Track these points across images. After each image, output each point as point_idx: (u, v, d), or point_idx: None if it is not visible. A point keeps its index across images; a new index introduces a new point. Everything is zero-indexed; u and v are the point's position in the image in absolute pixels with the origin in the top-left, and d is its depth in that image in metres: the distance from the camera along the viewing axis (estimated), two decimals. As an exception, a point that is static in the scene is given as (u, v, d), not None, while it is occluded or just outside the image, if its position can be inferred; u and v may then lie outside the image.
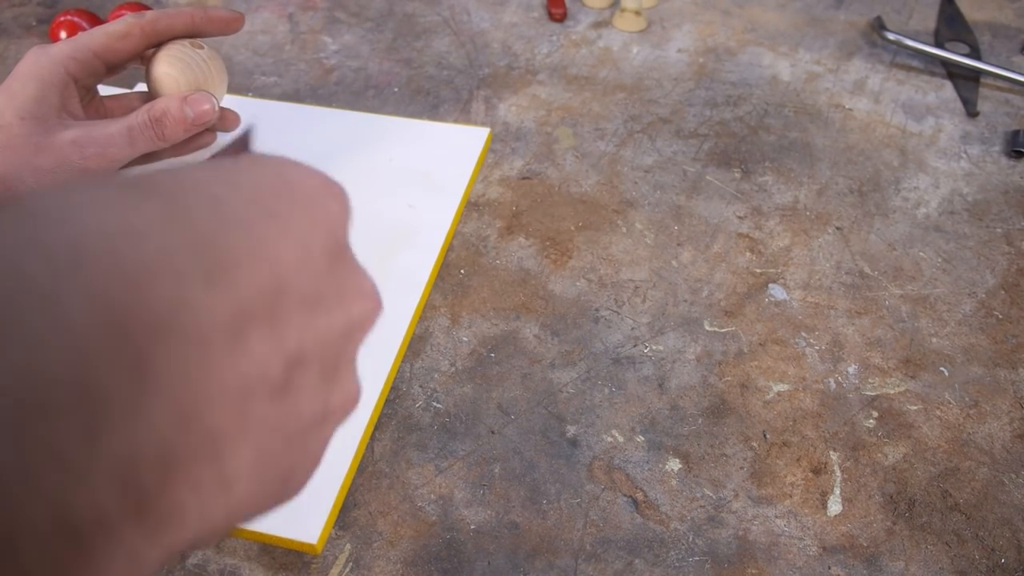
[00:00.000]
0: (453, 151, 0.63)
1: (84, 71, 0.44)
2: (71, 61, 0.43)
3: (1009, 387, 0.50)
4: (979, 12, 0.81)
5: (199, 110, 0.44)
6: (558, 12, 0.78)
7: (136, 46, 0.46)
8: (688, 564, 0.42)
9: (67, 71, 0.43)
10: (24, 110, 0.41)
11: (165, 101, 0.44)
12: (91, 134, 0.42)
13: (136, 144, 0.43)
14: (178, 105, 0.44)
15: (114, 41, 0.45)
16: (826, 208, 0.61)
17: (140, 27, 0.45)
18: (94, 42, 0.44)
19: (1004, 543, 0.43)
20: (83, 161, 0.41)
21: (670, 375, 0.50)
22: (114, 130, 0.42)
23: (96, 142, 0.41)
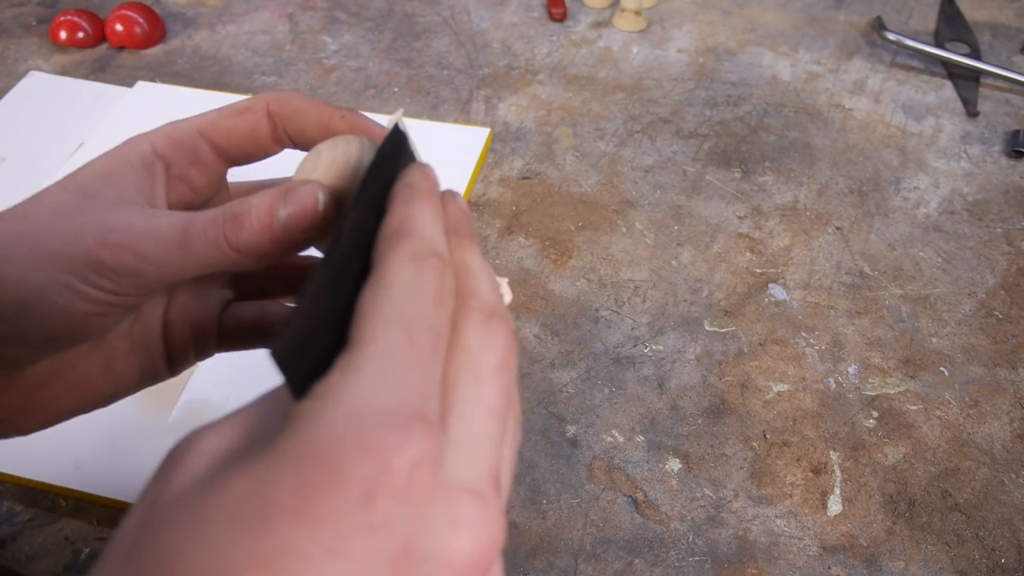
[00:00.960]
0: (453, 151, 0.63)
1: (179, 152, 0.31)
2: (164, 139, 0.31)
3: (1009, 387, 0.50)
4: (979, 12, 0.81)
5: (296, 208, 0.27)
6: (558, 12, 0.78)
7: (254, 126, 0.31)
8: (688, 564, 0.42)
9: (154, 149, 0.31)
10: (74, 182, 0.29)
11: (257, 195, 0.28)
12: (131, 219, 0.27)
13: (191, 247, 0.27)
14: (270, 199, 0.27)
15: (226, 117, 0.32)
16: (826, 208, 0.61)
17: (263, 103, 0.32)
18: (200, 119, 0.32)
19: (1004, 543, 0.43)
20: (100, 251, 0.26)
21: (670, 375, 0.50)
22: (165, 222, 0.27)
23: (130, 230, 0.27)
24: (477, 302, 0.23)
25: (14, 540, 0.42)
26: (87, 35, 0.73)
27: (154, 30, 0.74)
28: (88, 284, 0.26)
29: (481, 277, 0.24)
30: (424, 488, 0.17)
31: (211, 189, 0.33)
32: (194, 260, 0.27)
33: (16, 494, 0.44)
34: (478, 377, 0.21)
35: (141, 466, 0.44)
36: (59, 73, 0.71)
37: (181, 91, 0.68)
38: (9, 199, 0.60)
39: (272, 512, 0.16)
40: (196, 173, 0.32)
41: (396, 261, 0.21)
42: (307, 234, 0.28)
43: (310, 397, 0.18)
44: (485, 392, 0.21)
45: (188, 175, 0.32)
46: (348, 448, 0.17)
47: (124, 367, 0.32)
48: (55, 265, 0.26)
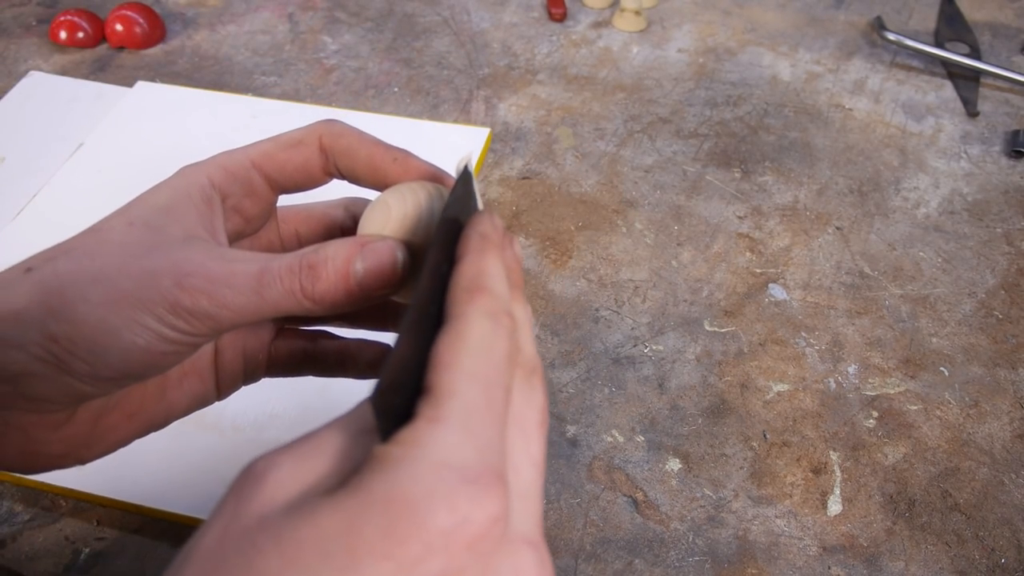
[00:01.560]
0: (453, 151, 0.63)
1: (235, 184, 0.31)
2: (218, 170, 0.31)
3: (1009, 387, 0.50)
4: (979, 12, 0.81)
5: (374, 264, 0.28)
6: (558, 12, 0.78)
7: (307, 160, 0.32)
8: (688, 564, 0.42)
9: (212, 181, 0.31)
10: (138, 216, 0.29)
11: (333, 245, 0.28)
12: (206, 263, 0.27)
13: (265, 294, 0.27)
14: (347, 252, 0.28)
15: (280, 150, 0.32)
16: (826, 208, 0.61)
17: (316, 135, 0.32)
18: (253, 151, 0.32)
19: (1004, 543, 0.43)
20: (178, 294, 0.27)
21: (670, 375, 0.50)
22: (241, 267, 0.27)
23: (207, 275, 0.27)
24: (522, 358, 0.24)
25: (14, 540, 0.42)
26: (87, 35, 0.73)
27: (154, 30, 0.74)
28: (164, 325, 0.27)
29: (527, 331, 0.25)
30: (496, 541, 0.19)
31: (263, 218, 0.33)
32: (268, 306, 0.28)
33: (16, 494, 0.44)
34: (525, 432, 0.22)
35: (141, 466, 0.44)
36: (59, 73, 0.71)
37: (181, 91, 0.68)
38: (9, 199, 0.60)
39: (360, 551, 0.17)
40: (250, 204, 0.32)
41: (474, 317, 0.22)
42: (383, 291, 0.28)
43: (398, 443, 0.19)
44: (531, 447, 0.22)
45: (242, 206, 0.32)
46: (435, 499, 0.18)
47: (177, 395, 0.32)
48: (132, 306, 0.26)
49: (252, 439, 0.45)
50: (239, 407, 0.47)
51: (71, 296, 0.26)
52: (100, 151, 0.63)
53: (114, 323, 0.26)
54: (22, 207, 0.58)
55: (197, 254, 0.28)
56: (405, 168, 0.31)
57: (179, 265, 0.27)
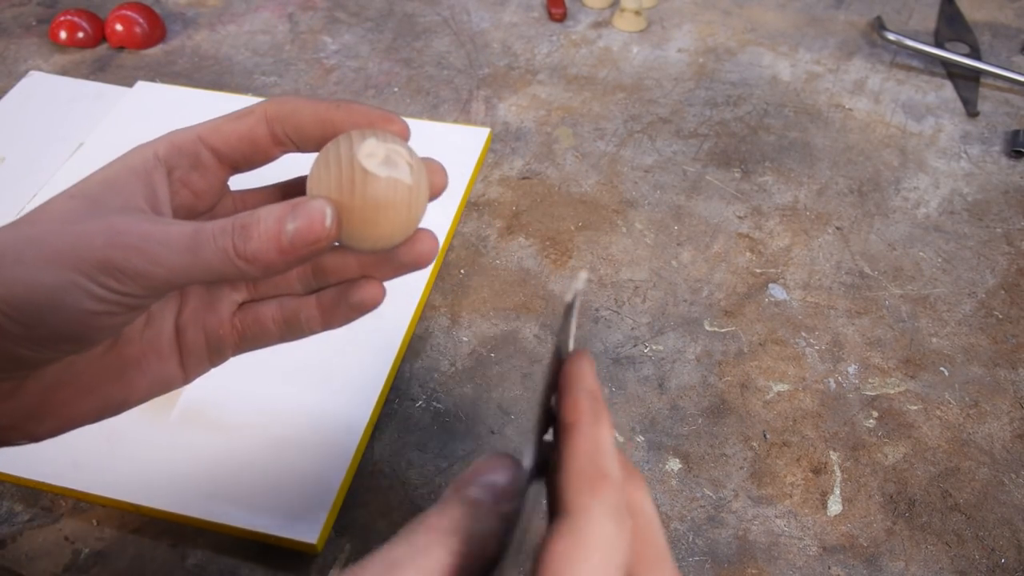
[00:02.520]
0: (453, 151, 0.63)
1: (181, 157, 0.32)
2: (165, 144, 0.31)
3: (1009, 387, 0.50)
4: (979, 12, 0.81)
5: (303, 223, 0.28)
6: (558, 12, 0.78)
7: (252, 129, 0.32)
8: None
9: (156, 154, 0.31)
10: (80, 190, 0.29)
11: (266, 207, 0.29)
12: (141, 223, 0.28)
13: (199, 253, 0.28)
14: (278, 212, 0.28)
15: (225, 122, 0.32)
16: (826, 208, 0.61)
17: (261, 107, 0.32)
18: (201, 125, 0.32)
19: (1004, 543, 0.43)
20: (109, 251, 0.27)
21: (670, 375, 0.50)
22: (175, 228, 0.28)
23: (140, 232, 0.27)
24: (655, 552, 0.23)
25: (14, 540, 0.42)
26: (87, 35, 0.73)
27: (154, 30, 0.74)
28: (96, 284, 0.27)
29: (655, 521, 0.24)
30: None
31: (214, 195, 0.33)
32: (202, 266, 0.28)
33: (16, 494, 0.44)
34: None
35: (141, 466, 0.44)
36: (59, 73, 0.71)
37: (181, 91, 0.68)
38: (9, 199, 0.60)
39: None
40: (198, 178, 0.32)
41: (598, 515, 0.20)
42: (314, 248, 0.28)
43: None
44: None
45: (190, 180, 0.32)
46: None
47: (136, 373, 0.32)
48: (64, 265, 0.27)
49: (253, 438, 0.45)
50: (239, 407, 0.47)
51: (8, 259, 0.27)
52: (100, 151, 0.63)
53: (47, 281, 0.27)
54: (22, 207, 0.58)
55: (133, 218, 0.28)
56: (349, 112, 0.31)
57: (113, 226, 0.28)
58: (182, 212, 0.32)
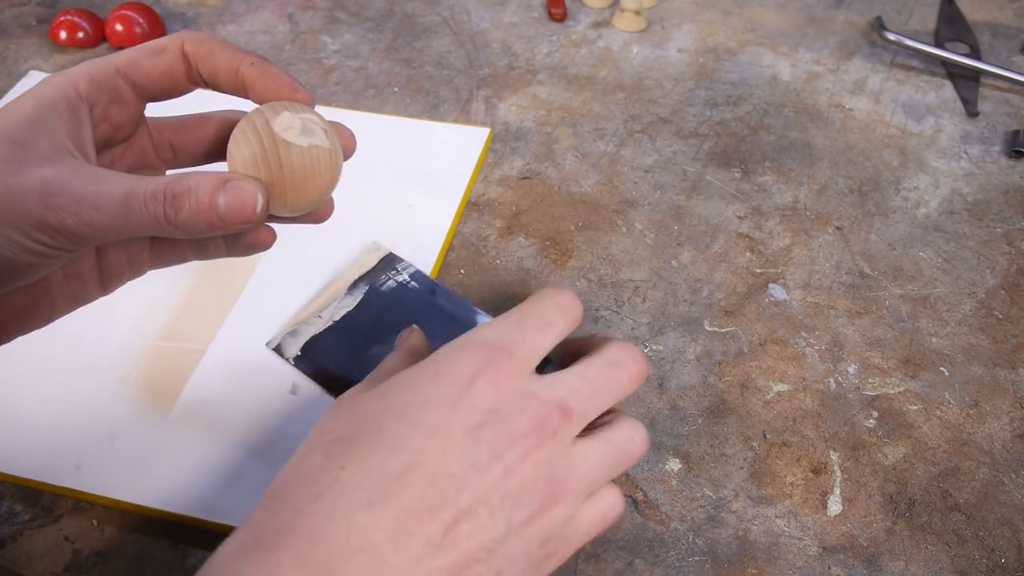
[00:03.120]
0: (453, 151, 0.63)
1: (101, 92, 0.33)
2: (85, 79, 0.32)
3: (1009, 387, 0.50)
4: (979, 12, 0.81)
5: (235, 203, 0.30)
6: (558, 12, 0.78)
7: (171, 66, 0.33)
8: (688, 564, 0.42)
9: (77, 90, 0.32)
10: (3, 129, 0.30)
11: (197, 177, 0.30)
12: (73, 182, 0.29)
13: (131, 218, 0.29)
14: (210, 187, 0.30)
15: (144, 56, 0.33)
16: (826, 208, 0.61)
17: (179, 42, 0.33)
18: (119, 58, 0.33)
19: (1004, 543, 0.43)
20: (43, 212, 0.28)
21: (670, 375, 0.50)
22: (106, 189, 0.29)
23: (73, 194, 0.28)
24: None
25: (14, 540, 0.42)
26: (87, 35, 0.73)
27: (154, 30, 0.74)
28: (31, 240, 0.29)
29: None
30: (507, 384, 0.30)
31: (131, 125, 0.35)
32: (132, 227, 0.30)
33: (16, 494, 0.44)
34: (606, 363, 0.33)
35: (141, 466, 0.44)
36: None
37: (181, 91, 0.68)
38: (9, 199, 0.60)
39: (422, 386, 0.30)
40: (117, 111, 0.34)
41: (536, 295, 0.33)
42: (242, 226, 0.30)
43: None
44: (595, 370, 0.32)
45: (109, 114, 0.34)
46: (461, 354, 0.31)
47: (60, 293, 0.34)
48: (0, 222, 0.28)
49: (253, 436, 0.45)
50: (239, 407, 0.47)
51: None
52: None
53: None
54: (22, 207, 0.58)
55: (63, 172, 0.29)
56: (261, 72, 0.33)
57: (46, 184, 0.28)
58: (101, 144, 0.34)
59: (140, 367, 0.48)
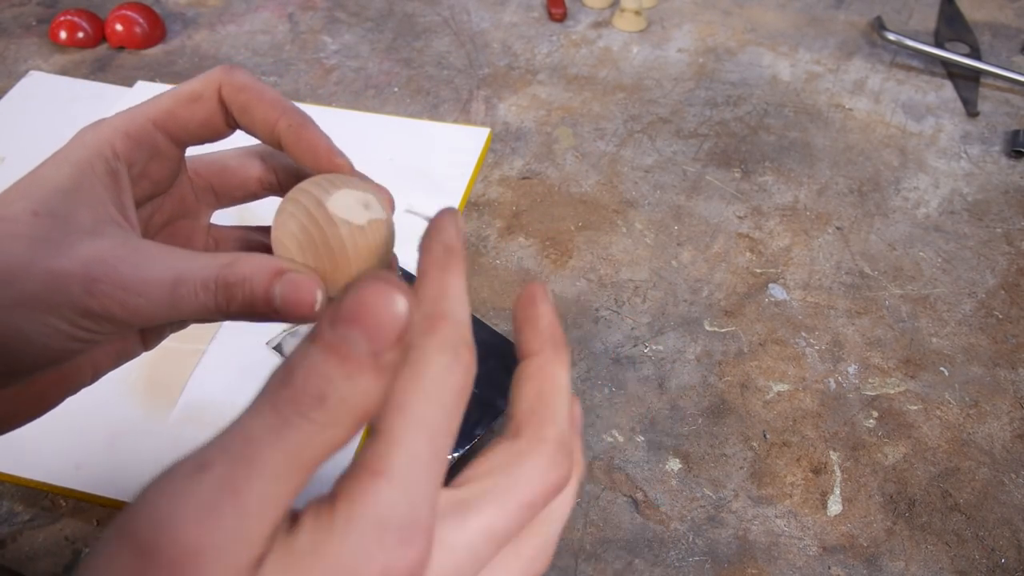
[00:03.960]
0: (453, 151, 0.63)
1: (140, 150, 0.30)
2: (121, 138, 0.29)
3: (1009, 387, 0.50)
4: (979, 12, 0.81)
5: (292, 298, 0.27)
6: (558, 12, 0.78)
7: (209, 116, 0.31)
8: (688, 564, 0.42)
9: (114, 151, 0.29)
10: (42, 202, 0.27)
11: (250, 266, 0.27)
12: (118, 267, 0.26)
13: (179, 308, 0.27)
14: (265, 279, 0.27)
15: (180, 106, 0.30)
16: (826, 208, 0.61)
17: (215, 87, 0.30)
18: (153, 109, 0.30)
19: (1004, 543, 0.43)
20: (87, 300, 0.26)
21: (670, 375, 0.50)
22: (154, 275, 0.26)
23: (118, 280, 0.26)
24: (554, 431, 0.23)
25: (14, 540, 0.42)
26: (87, 35, 0.73)
27: (154, 30, 0.74)
28: (74, 326, 0.26)
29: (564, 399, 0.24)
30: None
31: (171, 178, 0.32)
32: (181, 315, 0.27)
33: (16, 494, 0.44)
34: None
35: (141, 466, 0.44)
36: (59, 73, 0.71)
37: (181, 91, 0.68)
38: (9, 199, 0.60)
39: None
40: (156, 167, 0.31)
41: (430, 351, 0.21)
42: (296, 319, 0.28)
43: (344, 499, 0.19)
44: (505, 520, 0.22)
45: (149, 171, 0.31)
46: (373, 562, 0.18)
47: (102, 355, 0.32)
48: (40, 310, 0.26)
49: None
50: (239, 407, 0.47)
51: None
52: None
53: (21, 326, 0.26)
54: (22, 207, 0.58)
55: (107, 252, 0.26)
56: (298, 137, 0.30)
57: (88, 268, 0.26)
58: (142, 201, 0.31)
59: (140, 367, 0.48)
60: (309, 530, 0.18)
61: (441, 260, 0.23)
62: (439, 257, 0.23)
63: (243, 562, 0.17)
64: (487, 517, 0.21)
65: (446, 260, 0.23)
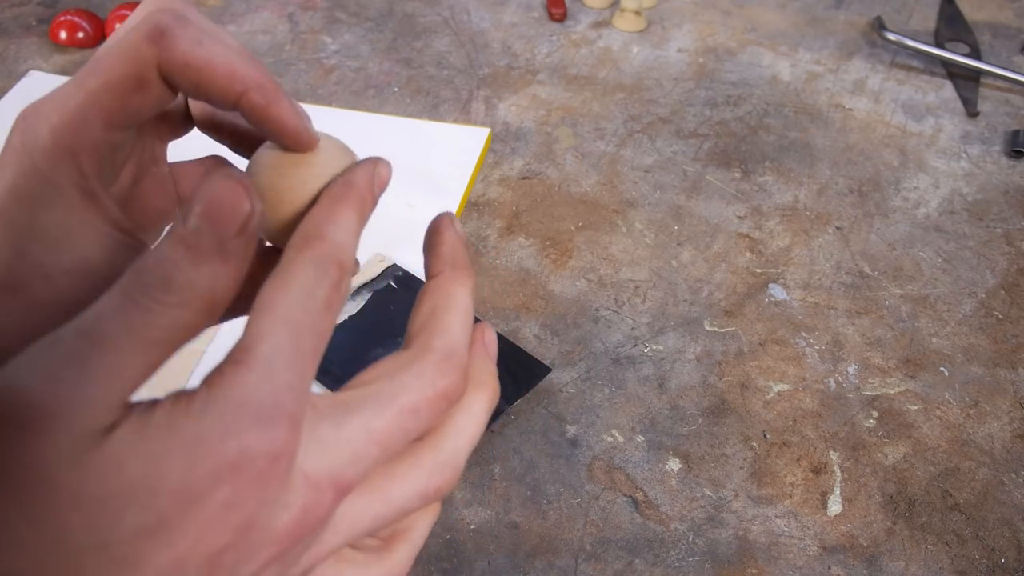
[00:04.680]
0: (453, 151, 0.63)
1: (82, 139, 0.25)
2: (63, 130, 0.25)
3: (1009, 387, 0.50)
4: (979, 12, 0.81)
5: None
6: (558, 12, 0.78)
7: (159, 99, 0.24)
8: (688, 564, 0.42)
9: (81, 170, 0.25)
10: None
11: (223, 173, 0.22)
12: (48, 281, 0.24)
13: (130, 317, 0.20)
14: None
15: (124, 95, 0.25)
16: (826, 208, 0.61)
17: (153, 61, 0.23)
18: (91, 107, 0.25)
19: (1004, 543, 0.43)
20: None
21: (670, 375, 0.50)
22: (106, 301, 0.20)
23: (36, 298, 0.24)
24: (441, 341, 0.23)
25: (14, 540, 0.42)
26: (87, 35, 0.73)
27: (154, 30, 0.74)
28: None
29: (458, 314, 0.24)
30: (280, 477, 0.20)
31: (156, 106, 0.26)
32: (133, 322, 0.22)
33: (16, 494, 0.44)
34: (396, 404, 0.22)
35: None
36: (59, 73, 0.71)
37: (181, 91, 0.68)
38: (9, 199, 0.60)
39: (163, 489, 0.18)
40: (115, 140, 0.26)
41: (301, 263, 0.21)
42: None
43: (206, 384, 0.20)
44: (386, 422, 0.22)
45: (105, 153, 0.26)
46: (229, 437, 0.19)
47: None
48: None
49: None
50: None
51: None
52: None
53: None
54: (22, 207, 0.58)
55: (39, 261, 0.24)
56: (265, 117, 0.25)
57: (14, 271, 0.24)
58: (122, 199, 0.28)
59: (140, 367, 0.48)
60: (167, 410, 0.19)
61: (337, 192, 0.23)
62: (336, 189, 0.24)
63: (89, 426, 0.18)
64: (366, 418, 0.22)
65: (341, 192, 0.23)
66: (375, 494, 0.23)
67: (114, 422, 0.19)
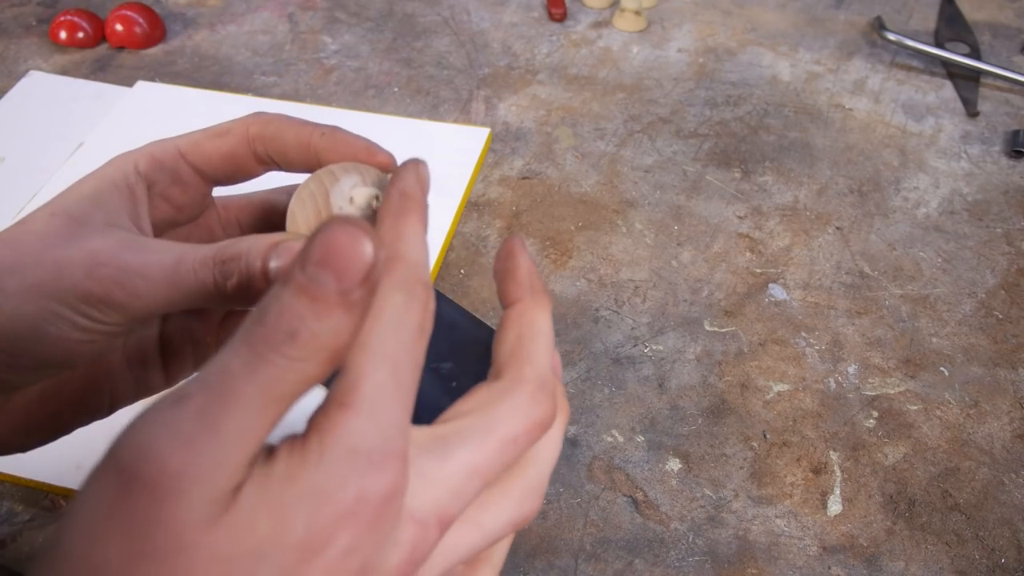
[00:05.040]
0: (453, 151, 0.63)
1: (162, 172, 0.31)
2: (146, 158, 0.31)
3: (1009, 387, 0.50)
4: (979, 12, 0.81)
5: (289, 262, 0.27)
6: (558, 12, 0.78)
7: (233, 149, 0.31)
8: (688, 564, 0.42)
9: (136, 168, 0.30)
10: (62, 207, 0.28)
11: (248, 240, 0.27)
12: (121, 253, 0.27)
13: (181, 286, 0.27)
14: (262, 250, 0.27)
15: (207, 139, 0.31)
16: (826, 208, 0.61)
17: (244, 124, 0.31)
18: (182, 139, 0.32)
19: (1004, 543, 0.43)
20: (89, 283, 0.26)
21: (670, 375, 0.50)
22: (156, 258, 0.27)
23: (120, 264, 0.27)
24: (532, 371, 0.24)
25: (14, 540, 0.42)
26: (87, 35, 0.73)
27: (154, 30, 0.74)
28: (78, 314, 0.27)
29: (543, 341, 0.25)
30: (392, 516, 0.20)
31: (195, 208, 0.33)
32: (182, 297, 0.27)
33: (16, 494, 0.44)
34: None
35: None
36: (59, 73, 0.71)
37: (181, 91, 0.68)
38: (9, 199, 0.60)
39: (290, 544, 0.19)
40: (178, 193, 0.32)
41: (387, 290, 0.21)
42: None
43: (316, 431, 0.20)
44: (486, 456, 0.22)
45: (170, 194, 0.31)
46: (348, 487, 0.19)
47: (121, 382, 0.32)
48: (45, 296, 0.26)
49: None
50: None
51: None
52: (100, 151, 0.63)
53: (28, 311, 0.26)
54: (22, 207, 0.58)
55: (112, 244, 0.27)
56: (333, 141, 0.30)
57: (92, 255, 0.27)
58: (163, 225, 0.32)
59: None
60: (285, 460, 0.19)
61: (397, 206, 0.24)
62: (395, 203, 0.24)
63: (221, 488, 0.18)
64: (467, 452, 0.22)
65: (401, 206, 0.24)
66: (470, 525, 0.23)
67: (241, 480, 0.18)
